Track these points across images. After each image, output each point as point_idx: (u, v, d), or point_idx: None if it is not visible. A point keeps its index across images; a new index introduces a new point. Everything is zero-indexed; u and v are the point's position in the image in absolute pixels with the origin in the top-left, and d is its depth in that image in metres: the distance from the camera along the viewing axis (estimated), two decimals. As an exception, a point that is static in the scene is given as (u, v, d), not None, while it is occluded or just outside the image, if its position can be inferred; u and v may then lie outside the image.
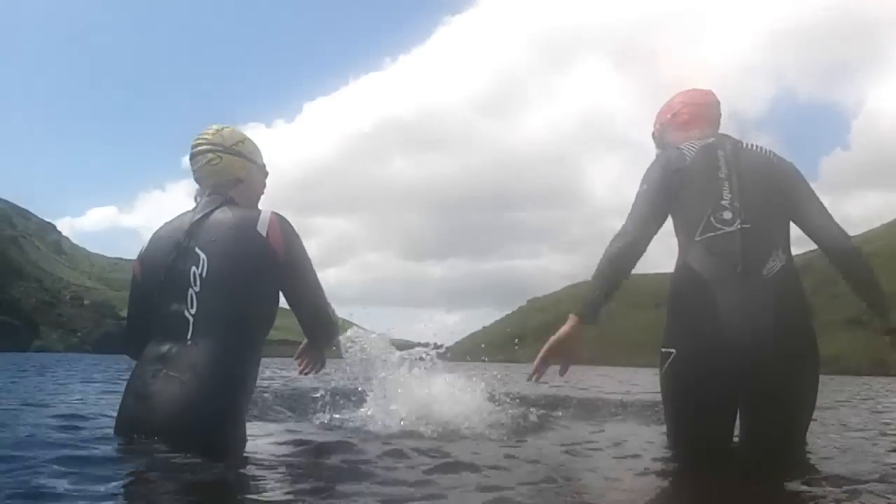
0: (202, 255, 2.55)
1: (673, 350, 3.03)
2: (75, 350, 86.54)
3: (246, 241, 2.59)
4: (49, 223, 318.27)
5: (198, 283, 2.50)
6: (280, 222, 2.68)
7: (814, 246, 3.26)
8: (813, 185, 3.24)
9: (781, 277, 2.95)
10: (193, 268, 2.53)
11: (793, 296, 3.03)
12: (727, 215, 2.99)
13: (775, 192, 3.10)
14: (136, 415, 2.44)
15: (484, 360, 6.87)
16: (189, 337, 2.44)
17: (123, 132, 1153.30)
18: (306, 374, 3.30)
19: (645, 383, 12.43)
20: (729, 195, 3.02)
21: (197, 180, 2.94)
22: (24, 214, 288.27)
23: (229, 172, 2.88)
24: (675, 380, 3.05)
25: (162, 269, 2.59)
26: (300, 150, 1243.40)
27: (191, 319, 2.46)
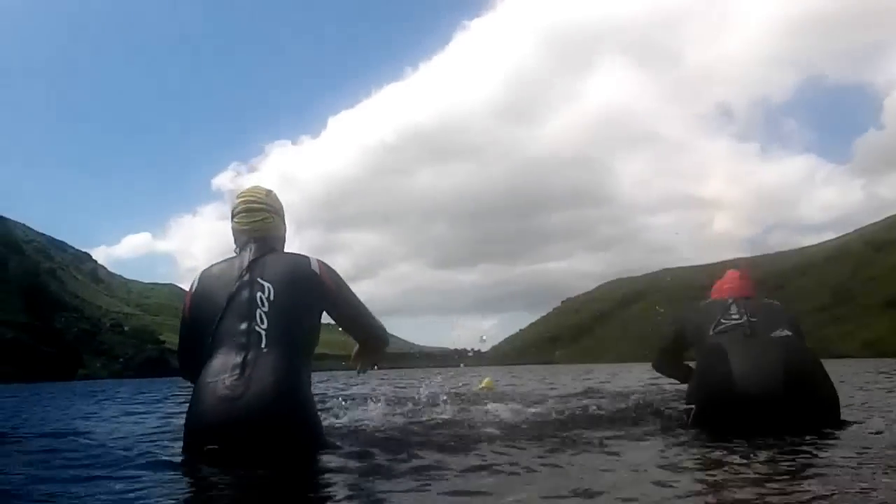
0: (267, 285, 3.23)
1: (692, 406, 3.89)
2: (118, 376, 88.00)
3: (303, 276, 3.37)
4: (85, 253, 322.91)
5: (265, 305, 3.16)
6: (326, 265, 3.50)
7: (851, 228, 4.03)
8: (846, 168, 4.05)
9: (788, 341, 3.69)
10: (259, 293, 3.19)
11: (801, 351, 3.78)
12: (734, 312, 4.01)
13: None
14: (225, 418, 2.87)
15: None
16: (264, 346, 3.03)
17: (151, 158, 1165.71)
18: (361, 372, 4.01)
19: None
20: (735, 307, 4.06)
21: (245, 231, 3.57)
22: (61, 246, 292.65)
23: (278, 231, 3.67)
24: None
25: (224, 297, 3.21)
26: (326, 166, 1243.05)
27: (263, 333, 3.07)
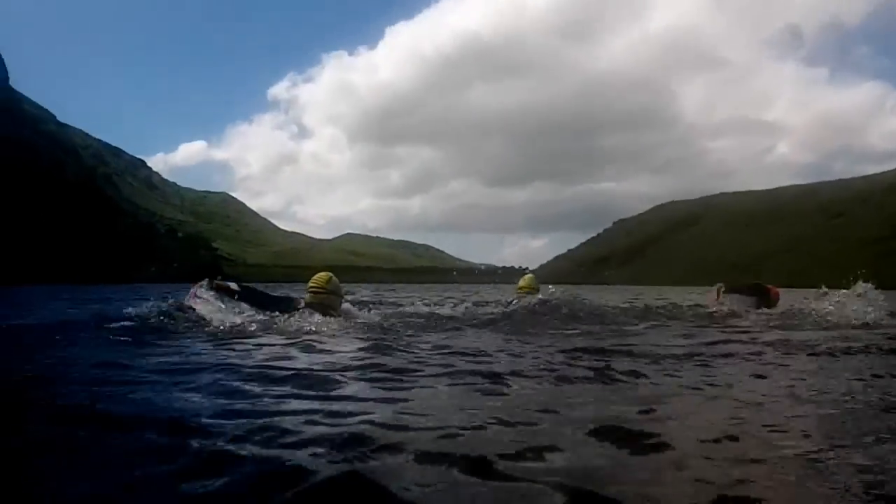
0: None
1: None
2: (172, 281, 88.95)
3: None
4: (140, 159, 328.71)
5: None
6: None
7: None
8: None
9: None
10: None
11: None
12: None
13: None
14: None
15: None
16: None
17: (209, 68, 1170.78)
18: None
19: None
20: None
21: (312, 304, 8.83)
22: (116, 152, 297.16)
23: (333, 304, 9.03)
24: None
25: None
26: (382, 77, 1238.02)
27: None
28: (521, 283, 13.64)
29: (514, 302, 12.87)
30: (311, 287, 8.80)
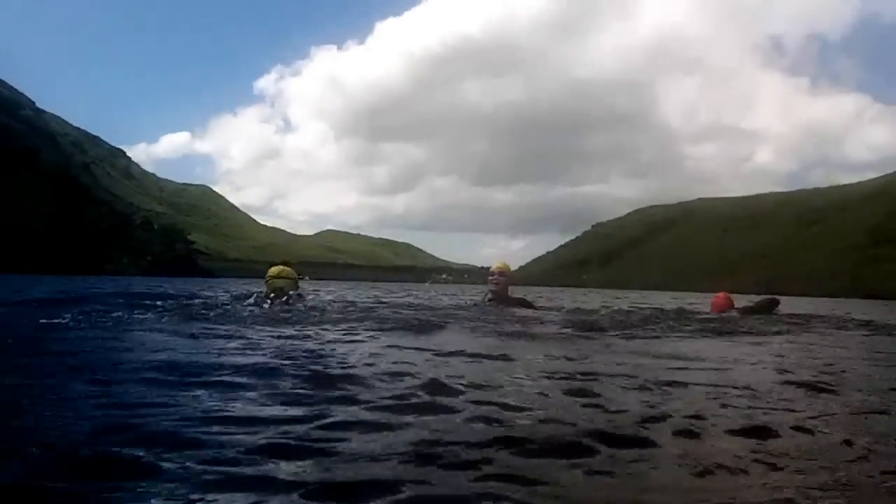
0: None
1: None
2: (145, 273, 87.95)
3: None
4: (119, 149, 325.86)
5: None
6: None
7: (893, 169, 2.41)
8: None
9: None
10: None
11: None
12: None
13: None
14: None
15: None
16: None
17: (193, 57, 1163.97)
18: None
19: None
20: None
21: (278, 287, 9.85)
22: (96, 141, 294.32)
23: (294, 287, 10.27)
24: None
25: None
26: (371, 73, 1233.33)
27: None
28: (496, 265, 12.40)
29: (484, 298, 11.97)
30: (281, 279, 10.22)
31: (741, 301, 12.80)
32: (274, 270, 10.58)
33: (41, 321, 6.38)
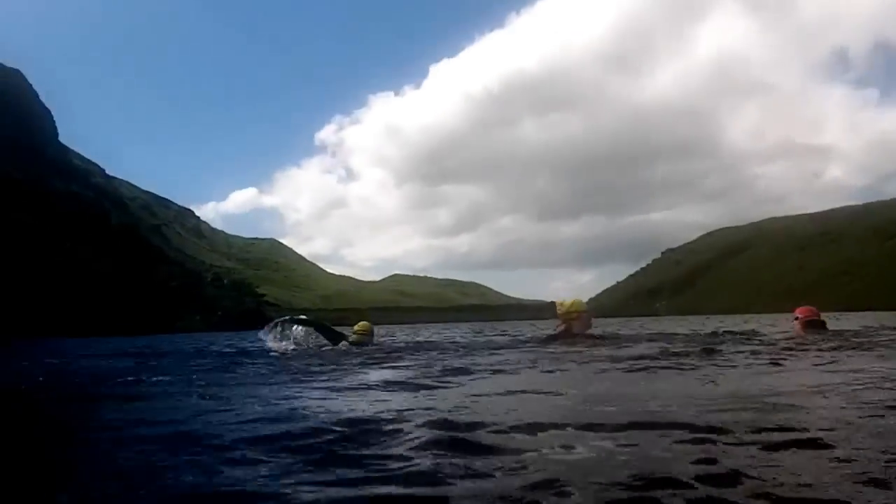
0: None
1: None
2: (216, 329, 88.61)
3: None
4: (188, 209, 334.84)
5: None
6: None
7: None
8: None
9: None
10: None
11: None
12: None
13: None
14: None
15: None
16: None
17: (257, 114, 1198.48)
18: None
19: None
20: None
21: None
22: (165, 203, 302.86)
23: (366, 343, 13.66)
24: None
25: None
26: (429, 116, 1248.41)
27: None
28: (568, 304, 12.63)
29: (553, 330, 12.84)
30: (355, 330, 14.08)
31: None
32: (357, 326, 14.06)
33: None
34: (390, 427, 3.43)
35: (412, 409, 4.07)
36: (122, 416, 4.58)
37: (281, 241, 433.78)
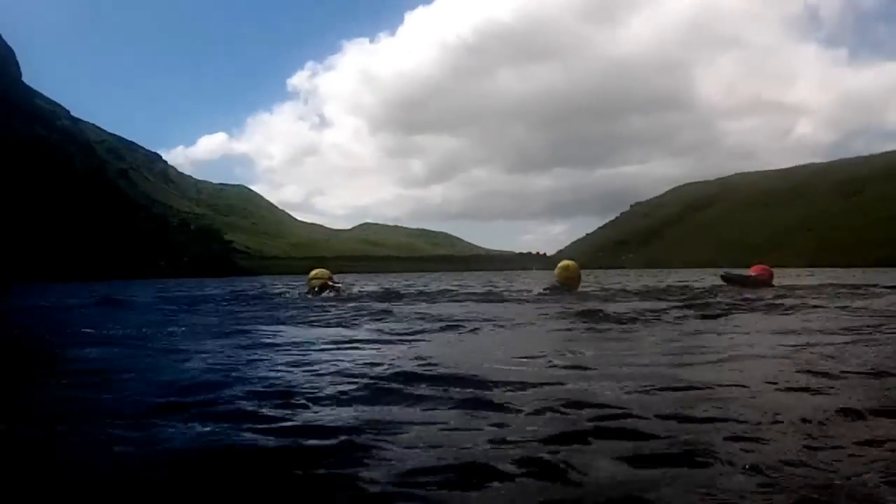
0: None
1: None
2: (182, 275, 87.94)
3: None
4: (156, 153, 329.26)
5: None
6: None
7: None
8: None
9: None
10: None
11: None
12: None
13: None
14: None
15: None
16: None
17: (226, 58, 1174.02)
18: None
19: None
20: None
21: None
22: (132, 147, 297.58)
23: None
24: None
25: None
26: (404, 64, 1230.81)
27: None
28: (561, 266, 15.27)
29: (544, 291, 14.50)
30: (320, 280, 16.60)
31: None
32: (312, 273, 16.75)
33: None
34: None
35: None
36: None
37: (251, 187, 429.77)
